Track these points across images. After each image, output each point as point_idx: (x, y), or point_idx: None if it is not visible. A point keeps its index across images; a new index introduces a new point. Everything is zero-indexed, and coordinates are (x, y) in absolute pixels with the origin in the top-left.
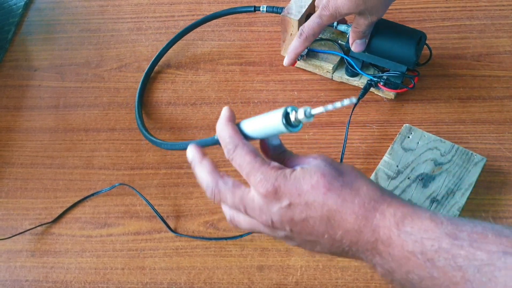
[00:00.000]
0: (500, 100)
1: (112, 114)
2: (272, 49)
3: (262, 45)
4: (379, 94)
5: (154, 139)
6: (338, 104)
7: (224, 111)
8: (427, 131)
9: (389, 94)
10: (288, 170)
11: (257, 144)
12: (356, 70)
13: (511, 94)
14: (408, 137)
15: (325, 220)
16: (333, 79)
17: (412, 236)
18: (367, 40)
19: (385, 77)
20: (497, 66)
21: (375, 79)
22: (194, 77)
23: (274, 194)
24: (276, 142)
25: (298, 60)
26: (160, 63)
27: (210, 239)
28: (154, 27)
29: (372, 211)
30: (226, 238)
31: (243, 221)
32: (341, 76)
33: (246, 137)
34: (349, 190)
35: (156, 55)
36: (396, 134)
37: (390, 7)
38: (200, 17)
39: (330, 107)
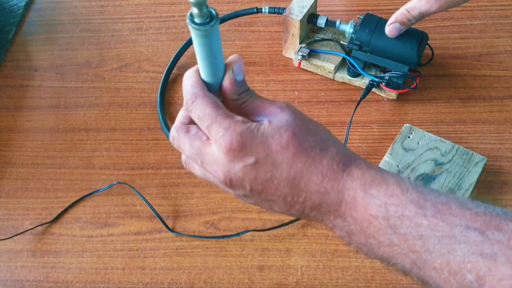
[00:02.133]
0: (501, 100)
1: (113, 114)
2: (273, 49)
3: (262, 45)
4: (381, 95)
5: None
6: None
7: None
8: (428, 131)
9: (391, 94)
10: (254, 125)
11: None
12: (357, 70)
13: None
14: (409, 137)
15: (291, 181)
16: (335, 79)
17: (377, 200)
18: (404, 30)
19: (387, 78)
20: (498, 66)
21: (377, 79)
22: None
23: (239, 152)
24: (239, 77)
25: (300, 60)
26: (160, 63)
27: (209, 237)
28: (154, 27)
29: (340, 172)
30: (224, 237)
31: (198, 171)
32: (342, 76)
33: (209, 88)
34: (318, 151)
35: (173, 56)
36: (397, 134)
37: (390, 7)
38: None
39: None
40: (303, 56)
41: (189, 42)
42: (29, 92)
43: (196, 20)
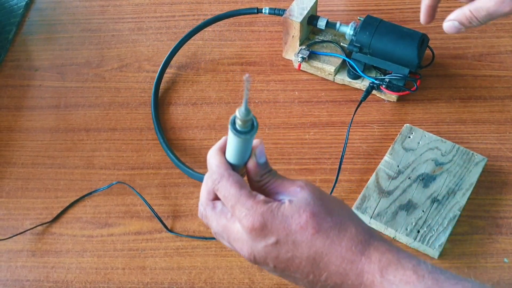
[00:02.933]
0: (501, 100)
1: (113, 114)
2: (273, 49)
3: (262, 45)
4: (381, 97)
5: (188, 169)
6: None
7: (221, 140)
8: (428, 131)
9: (391, 96)
10: (275, 205)
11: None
12: (358, 72)
13: None
14: (409, 137)
15: (311, 261)
16: (335, 81)
17: (394, 286)
18: (463, 31)
19: (387, 80)
20: (498, 66)
21: (377, 81)
22: (194, 77)
23: (260, 231)
24: (262, 160)
25: (300, 62)
26: (161, 63)
27: (207, 238)
28: (155, 27)
29: (359, 254)
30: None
31: (226, 244)
32: (343, 78)
33: (233, 167)
34: (337, 232)
35: (163, 60)
36: (397, 134)
37: (391, 6)
38: (201, 17)
39: (244, 97)
40: (303, 58)
41: (182, 42)
42: (29, 92)
43: (238, 128)
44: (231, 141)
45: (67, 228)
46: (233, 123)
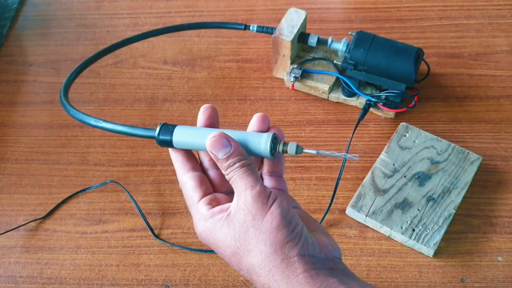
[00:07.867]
0: (497, 99)
1: (108, 110)
2: (269, 46)
3: (259, 42)
4: (378, 114)
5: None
6: (335, 154)
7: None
8: (424, 130)
9: (389, 113)
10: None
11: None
12: (353, 90)
13: (508, 93)
14: (405, 135)
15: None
16: (330, 99)
17: None
18: None
19: (383, 97)
20: (494, 66)
21: (373, 99)
22: (190, 73)
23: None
24: (219, 155)
25: (293, 82)
26: (156, 59)
27: (192, 249)
28: (150, 23)
29: None
30: (208, 251)
31: None
32: (337, 96)
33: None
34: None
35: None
36: (393, 133)
37: (387, 5)
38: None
39: (323, 152)
40: (295, 78)
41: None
42: (23, 87)
43: (279, 150)
44: (254, 145)
45: (61, 225)
46: (275, 142)
